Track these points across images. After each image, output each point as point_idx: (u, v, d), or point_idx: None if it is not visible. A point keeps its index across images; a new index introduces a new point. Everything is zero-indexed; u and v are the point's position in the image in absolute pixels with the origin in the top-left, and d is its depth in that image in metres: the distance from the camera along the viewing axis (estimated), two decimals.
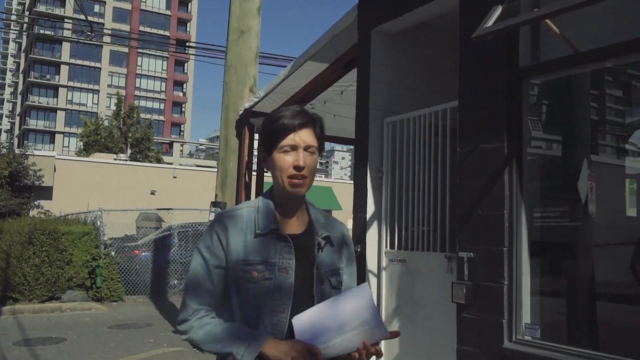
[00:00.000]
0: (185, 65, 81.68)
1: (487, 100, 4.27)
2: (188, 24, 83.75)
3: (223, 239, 1.88)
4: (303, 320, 1.81)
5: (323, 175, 79.65)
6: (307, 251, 1.93)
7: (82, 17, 17.49)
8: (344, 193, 30.64)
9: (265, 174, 1.74)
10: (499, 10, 3.95)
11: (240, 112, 7.63)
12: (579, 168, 4.27)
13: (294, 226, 1.96)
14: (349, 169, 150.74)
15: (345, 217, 27.90)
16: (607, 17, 3.85)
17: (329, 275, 1.95)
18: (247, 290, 1.84)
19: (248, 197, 7.71)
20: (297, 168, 1.86)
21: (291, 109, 1.94)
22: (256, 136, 8.11)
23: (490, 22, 3.89)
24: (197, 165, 49.09)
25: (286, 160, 1.87)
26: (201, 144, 71.38)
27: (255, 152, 8.16)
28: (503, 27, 3.73)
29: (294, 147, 1.87)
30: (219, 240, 1.88)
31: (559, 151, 4.76)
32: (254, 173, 8.05)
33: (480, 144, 4.28)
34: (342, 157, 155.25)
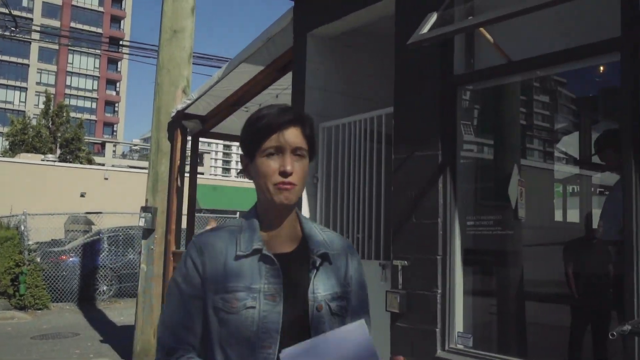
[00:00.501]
0: (119, 63, 79.59)
1: (422, 108, 4.25)
2: (122, 22, 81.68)
3: (199, 264, 1.60)
4: (289, 356, 1.49)
5: None
6: (299, 273, 1.63)
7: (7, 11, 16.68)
8: None
9: (247, 178, 1.39)
10: (434, 18, 3.93)
11: (173, 114, 7.39)
12: (510, 174, 4.31)
13: (284, 244, 1.67)
14: None
15: None
16: (540, 27, 3.89)
17: (327, 301, 1.64)
18: (228, 323, 1.55)
19: (180, 203, 7.47)
20: (284, 174, 1.58)
21: (276, 106, 1.66)
22: (189, 139, 7.89)
23: (425, 29, 3.87)
24: (131, 167, 47.89)
25: (270, 165, 1.60)
26: (135, 145, 69.69)
27: (189, 154, 7.95)
28: (438, 35, 3.71)
29: (279, 150, 1.60)
30: (194, 266, 1.61)
31: (491, 158, 4.80)
32: (187, 177, 7.82)
33: (415, 151, 4.25)
34: None
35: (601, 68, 3.98)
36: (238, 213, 18.10)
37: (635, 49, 3.18)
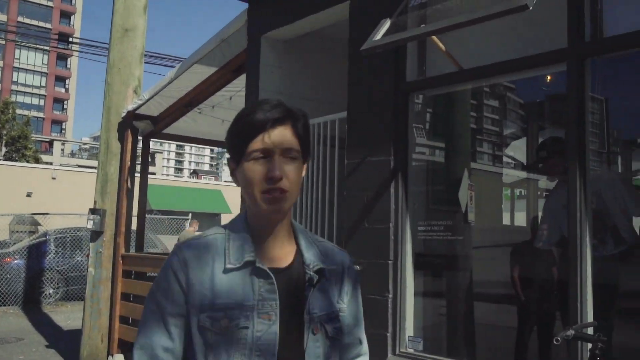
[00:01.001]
0: (69, 60, 77.59)
1: (375, 113, 4.28)
2: (72, 17, 79.63)
3: (182, 278, 1.41)
4: None
5: (213, 178, 78.60)
6: (294, 290, 1.45)
7: None
8: (235, 197, 30.38)
9: (236, 185, 1.33)
10: (387, 24, 3.96)
11: (123, 115, 7.23)
12: (460, 179, 4.39)
13: (277, 258, 1.49)
14: None
15: None
16: (490, 36, 3.96)
17: (323, 322, 1.48)
18: (217, 346, 1.36)
19: (130, 205, 7.32)
20: (272, 180, 1.40)
21: (264, 101, 1.48)
22: (140, 140, 7.74)
23: (379, 36, 3.89)
24: (80, 166, 46.72)
25: (257, 170, 1.41)
26: (84, 143, 67.95)
27: (139, 155, 7.79)
28: (392, 41, 3.73)
29: (266, 152, 1.41)
30: (176, 279, 1.41)
31: (442, 163, 4.87)
32: (137, 178, 7.67)
33: (367, 157, 4.27)
34: None
35: (548, 77, 4.09)
36: (190, 214, 17.90)
37: (581, 60, 3.27)
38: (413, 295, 4.09)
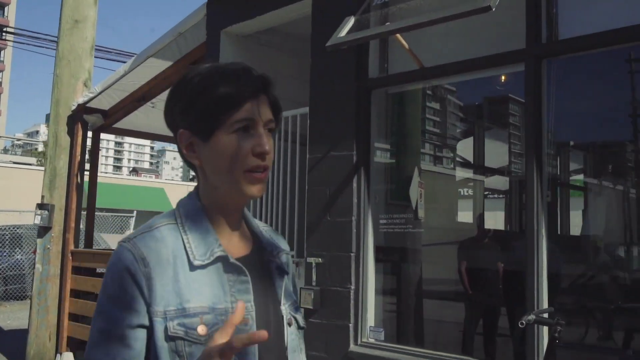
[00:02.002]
0: (2, 52, 74.56)
1: (337, 109, 4.36)
2: (6, 8, 76.52)
3: (141, 280, 1.14)
4: None
5: (154, 176, 77.11)
6: (261, 281, 1.27)
7: None
8: (178, 195, 29.87)
9: (190, 163, 1.13)
10: (351, 22, 4.05)
11: (73, 108, 7.06)
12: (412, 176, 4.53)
13: (238, 248, 1.28)
14: (180, 169, 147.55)
15: None
16: (452, 36, 4.11)
17: (293, 313, 1.33)
18: (191, 357, 1.12)
19: (80, 200, 7.15)
20: (262, 154, 1.20)
21: (231, 66, 1.26)
22: (89, 134, 7.57)
23: (343, 33, 3.97)
24: (14, 162, 44.99)
25: (242, 144, 1.19)
26: (18, 140, 65.54)
27: (89, 149, 7.63)
28: (357, 38, 3.82)
29: (251, 124, 1.20)
30: (134, 282, 1.14)
31: (400, 160, 5.00)
32: (87, 173, 7.51)
33: (330, 152, 4.35)
34: (174, 157, 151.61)
35: (503, 77, 4.27)
36: (135, 212, 17.55)
37: (538, 60, 3.44)
38: (374, 287, 4.19)
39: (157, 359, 1.13)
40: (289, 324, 1.30)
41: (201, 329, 1.13)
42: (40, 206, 7.01)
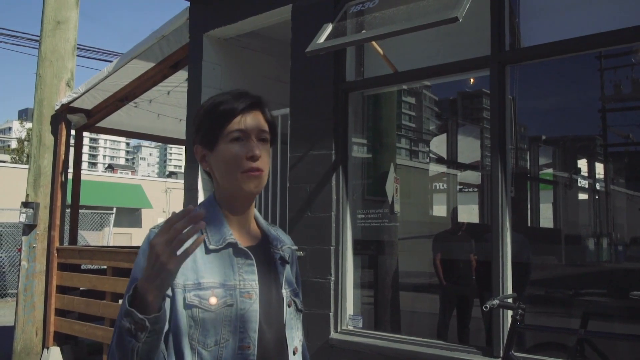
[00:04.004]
0: None
1: (316, 110, 4.61)
2: None
3: None
4: None
5: (130, 172, 76.47)
6: (266, 267, 1.56)
7: None
8: (154, 191, 29.86)
9: (206, 171, 1.49)
10: (329, 28, 4.30)
11: (57, 108, 7.20)
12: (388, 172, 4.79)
13: (247, 238, 1.58)
14: (157, 165, 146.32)
15: (155, 216, 27.15)
16: (424, 42, 4.39)
17: (293, 297, 1.61)
18: (204, 323, 1.42)
19: (64, 197, 7.30)
20: (253, 158, 1.49)
21: (231, 92, 1.57)
22: (72, 133, 7.72)
23: (322, 39, 4.22)
24: None
25: (237, 150, 1.49)
26: None
27: (72, 149, 7.77)
28: (335, 45, 4.08)
29: (243, 134, 1.50)
30: None
31: (376, 158, 5.26)
32: (70, 172, 7.65)
33: (310, 150, 4.60)
34: (150, 154, 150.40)
35: (471, 80, 4.56)
36: (115, 209, 17.59)
37: (502, 66, 3.74)
38: (353, 278, 4.46)
39: (177, 322, 1.41)
40: (289, 305, 1.57)
41: (212, 300, 1.42)
42: (25, 204, 7.14)
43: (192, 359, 1.41)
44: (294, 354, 1.58)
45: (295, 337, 1.59)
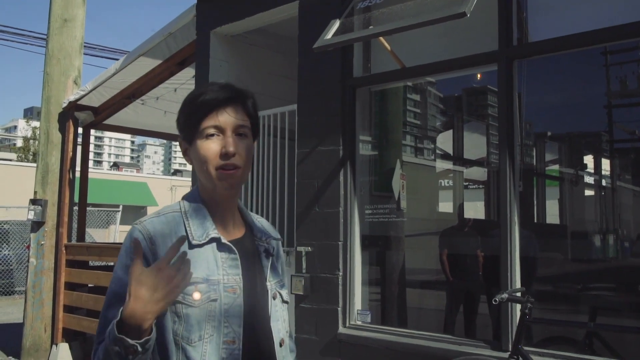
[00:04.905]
0: None
1: (324, 106, 4.62)
2: None
3: (149, 255, 1.40)
4: None
5: (135, 170, 76.66)
6: (251, 260, 1.55)
7: None
8: (160, 189, 29.94)
9: (188, 164, 1.52)
10: (337, 24, 4.31)
11: (64, 105, 7.24)
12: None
13: (231, 232, 1.56)
14: (162, 163, 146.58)
15: None
16: (431, 38, 4.40)
17: (278, 289, 1.60)
18: (188, 318, 1.40)
19: (72, 195, 7.34)
20: (225, 155, 1.46)
21: (214, 84, 1.53)
22: (80, 130, 7.76)
23: (329, 35, 4.23)
24: None
25: (210, 147, 1.46)
26: None
27: (79, 146, 7.81)
28: (343, 41, 4.09)
29: (219, 130, 1.47)
30: (143, 256, 1.36)
31: (383, 153, 5.28)
32: (77, 170, 7.68)
33: (317, 146, 4.62)
34: (155, 152, 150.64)
35: (479, 75, 4.57)
36: (121, 207, 17.65)
37: (510, 61, 3.74)
38: (361, 273, 4.48)
39: (160, 319, 1.36)
40: (274, 298, 1.56)
41: (196, 295, 1.40)
42: (34, 202, 7.19)
43: (177, 355, 1.40)
44: (280, 345, 1.57)
45: (281, 329, 1.58)
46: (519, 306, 3.46)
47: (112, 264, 7.06)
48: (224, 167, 1.46)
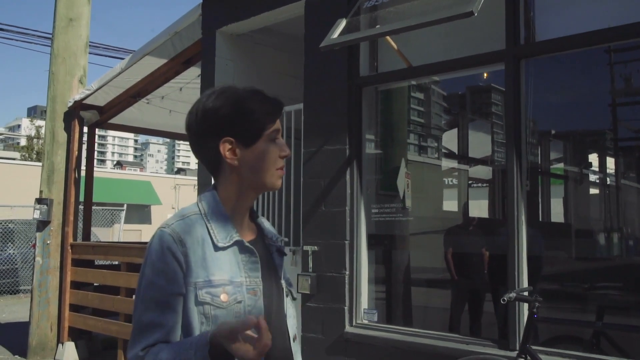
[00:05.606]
0: None
1: (330, 105, 4.63)
2: None
3: (180, 257, 1.44)
4: None
5: (138, 169, 76.75)
6: (266, 261, 1.60)
7: None
8: (164, 187, 29.96)
9: (231, 163, 1.40)
10: (343, 23, 4.31)
11: (70, 104, 7.26)
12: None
13: (246, 233, 1.61)
14: (165, 162, 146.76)
15: (165, 212, 27.25)
16: (438, 37, 4.39)
17: (288, 286, 1.69)
18: (215, 320, 1.43)
19: (78, 194, 7.37)
20: (286, 157, 1.58)
21: (253, 90, 1.59)
22: (85, 130, 7.77)
23: (336, 34, 4.24)
24: None
25: (275, 150, 1.55)
26: (0, 134, 64.91)
27: (85, 146, 7.83)
28: (349, 40, 4.09)
29: (278, 134, 1.58)
30: (174, 259, 1.44)
31: (389, 153, 5.28)
32: (83, 169, 7.70)
33: (324, 146, 4.62)
34: (158, 150, 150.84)
35: (485, 74, 4.56)
36: (125, 205, 17.68)
37: (517, 60, 3.74)
38: (367, 272, 4.49)
39: (189, 320, 1.44)
40: (287, 295, 1.64)
41: (224, 297, 1.45)
42: (39, 201, 7.21)
43: None
44: (294, 340, 1.63)
45: (293, 325, 1.66)
46: (526, 305, 3.46)
47: (116, 263, 7.08)
48: (281, 168, 1.57)
